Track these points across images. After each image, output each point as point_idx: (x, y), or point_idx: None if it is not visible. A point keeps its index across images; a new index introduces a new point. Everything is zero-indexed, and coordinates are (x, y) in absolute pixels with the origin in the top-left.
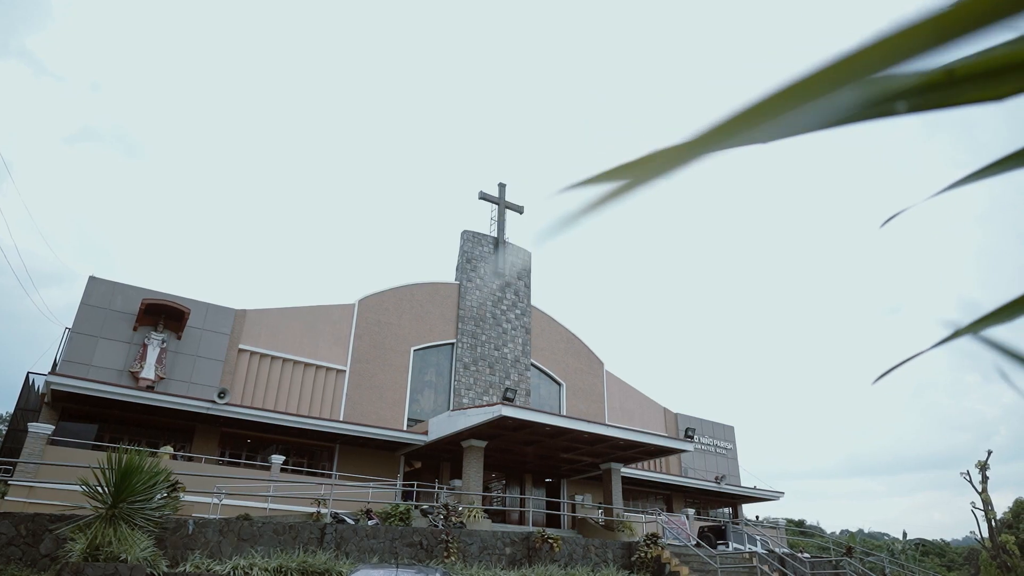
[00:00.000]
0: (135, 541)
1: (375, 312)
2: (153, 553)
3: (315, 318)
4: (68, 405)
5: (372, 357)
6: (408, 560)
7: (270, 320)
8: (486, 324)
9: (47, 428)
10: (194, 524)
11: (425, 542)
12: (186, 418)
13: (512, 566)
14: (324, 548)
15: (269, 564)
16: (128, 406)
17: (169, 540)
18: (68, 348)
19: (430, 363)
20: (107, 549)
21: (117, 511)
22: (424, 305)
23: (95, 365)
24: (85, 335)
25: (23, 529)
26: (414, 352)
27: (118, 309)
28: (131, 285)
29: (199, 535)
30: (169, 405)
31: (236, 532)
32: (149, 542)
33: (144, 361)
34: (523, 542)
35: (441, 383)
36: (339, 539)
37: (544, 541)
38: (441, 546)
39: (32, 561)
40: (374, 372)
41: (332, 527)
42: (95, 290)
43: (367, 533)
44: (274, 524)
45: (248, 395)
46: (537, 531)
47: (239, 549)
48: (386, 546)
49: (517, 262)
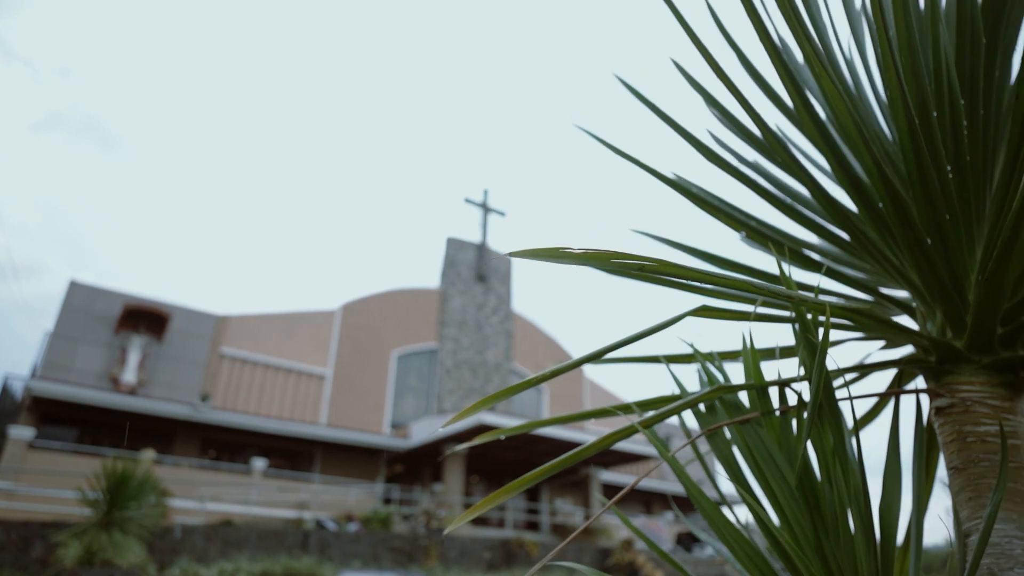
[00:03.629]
0: (128, 547)
1: (358, 317)
2: (143, 559)
3: (298, 323)
4: (48, 409)
5: (355, 362)
6: (389, 564)
7: (252, 325)
8: (468, 329)
9: (28, 432)
10: (181, 530)
11: (406, 546)
12: (167, 423)
13: (491, 570)
14: (308, 553)
15: (254, 569)
16: (109, 411)
17: (157, 545)
18: (48, 352)
19: (413, 368)
20: (102, 555)
21: (111, 518)
22: (407, 310)
23: (76, 369)
24: (66, 339)
25: (14, 535)
26: (397, 357)
27: (99, 313)
28: (112, 290)
29: (186, 540)
30: (150, 411)
31: (221, 537)
32: (141, 548)
33: (125, 365)
34: (502, 547)
35: (423, 388)
36: (322, 544)
37: (521, 546)
38: (422, 550)
39: (23, 566)
40: (357, 377)
41: (315, 532)
42: (76, 294)
43: (350, 538)
44: (259, 529)
45: (230, 400)
46: (515, 536)
47: (224, 554)
48: (368, 550)
49: (500, 267)
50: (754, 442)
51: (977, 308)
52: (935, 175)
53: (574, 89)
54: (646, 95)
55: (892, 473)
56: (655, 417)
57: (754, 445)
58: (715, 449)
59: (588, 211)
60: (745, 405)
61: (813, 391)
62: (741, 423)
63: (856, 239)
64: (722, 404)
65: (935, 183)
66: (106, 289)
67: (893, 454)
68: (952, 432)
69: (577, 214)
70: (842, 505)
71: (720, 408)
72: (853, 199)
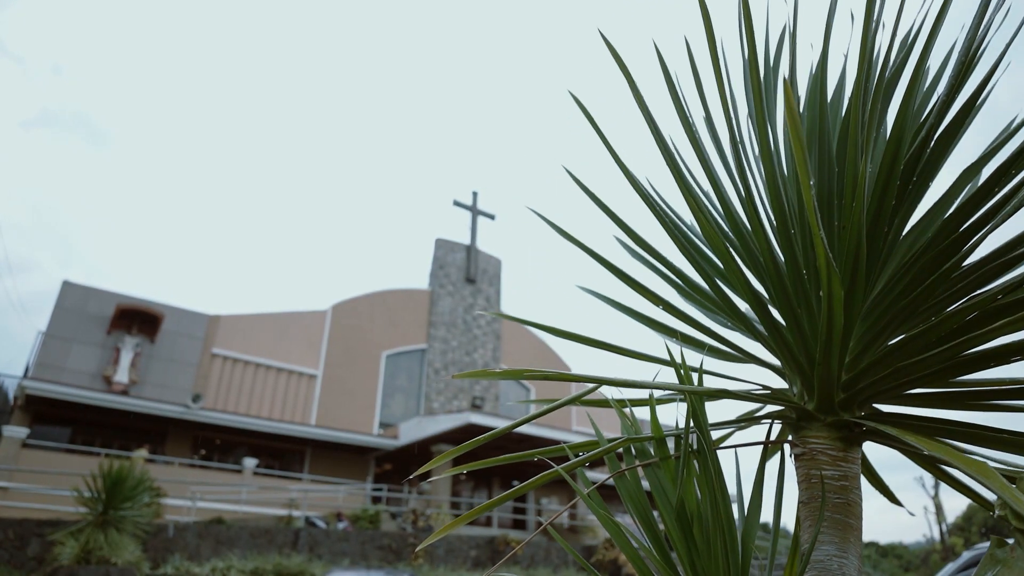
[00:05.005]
0: (124, 545)
1: (348, 317)
2: (138, 557)
3: (288, 323)
4: (41, 408)
5: (345, 362)
6: (378, 562)
7: (243, 325)
8: (457, 330)
9: (22, 431)
10: (174, 528)
11: (394, 544)
12: (159, 422)
13: (476, 568)
14: (298, 551)
15: (246, 566)
16: (102, 410)
17: (151, 543)
18: (42, 351)
19: (402, 368)
20: (98, 553)
21: (108, 517)
22: (397, 311)
23: (69, 368)
24: (59, 339)
25: (11, 533)
26: (386, 357)
27: (92, 313)
28: (105, 290)
29: (179, 538)
30: (143, 410)
31: (214, 535)
32: (136, 546)
33: (118, 365)
34: (488, 545)
35: (412, 388)
36: (312, 542)
37: (507, 544)
38: (409, 548)
39: (20, 563)
40: (346, 376)
41: (305, 531)
42: (69, 294)
43: (339, 536)
44: (250, 528)
45: (221, 399)
46: (501, 534)
47: (216, 552)
48: (357, 549)
49: (488, 268)
50: (653, 481)
51: (819, 381)
52: (791, 281)
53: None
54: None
55: (754, 504)
56: (580, 460)
57: (652, 483)
58: (620, 487)
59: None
60: (650, 451)
61: (683, 449)
62: (644, 466)
63: (746, 327)
64: (631, 450)
65: (790, 288)
66: (99, 289)
67: (757, 489)
68: (803, 474)
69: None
70: (714, 529)
71: (628, 453)
72: (741, 298)
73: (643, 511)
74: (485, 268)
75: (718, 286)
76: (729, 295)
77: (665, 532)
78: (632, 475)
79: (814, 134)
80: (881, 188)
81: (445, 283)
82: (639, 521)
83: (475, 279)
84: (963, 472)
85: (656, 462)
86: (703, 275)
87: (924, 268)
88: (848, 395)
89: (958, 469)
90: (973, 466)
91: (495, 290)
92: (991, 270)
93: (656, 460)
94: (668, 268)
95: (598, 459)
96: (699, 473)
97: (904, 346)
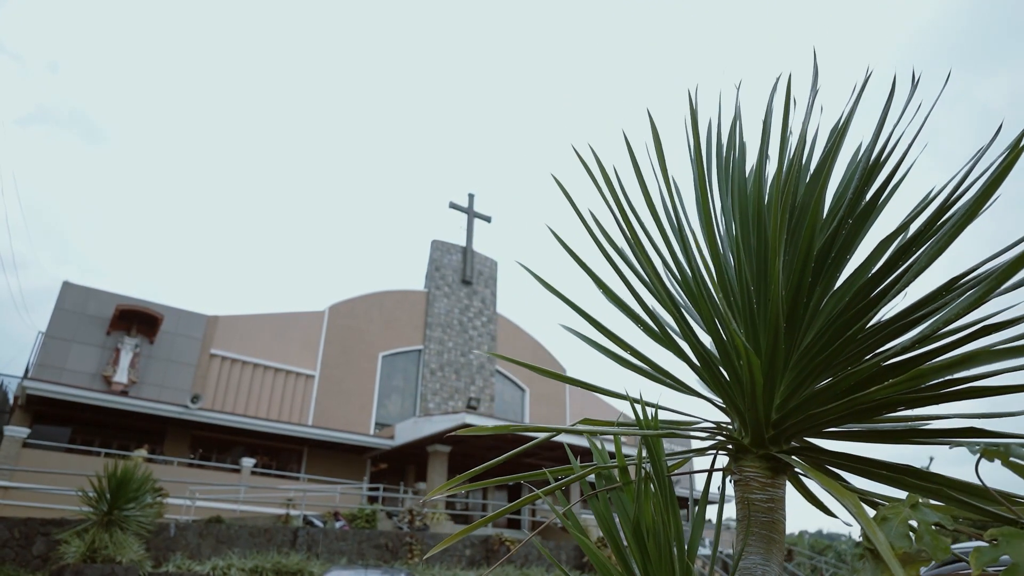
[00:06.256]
0: (128, 544)
1: (345, 318)
2: (141, 556)
3: (286, 324)
4: (42, 408)
5: (341, 362)
6: (375, 561)
7: (241, 326)
8: (453, 331)
9: (23, 431)
10: (175, 527)
11: (390, 544)
12: (158, 421)
13: (471, 567)
14: (296, 550)
15: (245, 565)
16: (102, 410)
17: (153, 542)
18: (42, 352)
19: (398, 368)
20: (103, 552)
21: (112, 517)
22: (393, 312)
23: (68, 369)
24: (59, 339)
25: (16, 532)
26: (383, 358)
27: (92, 314)
28: (105, 291)
29: (180, 537)
30: (142, 410)
31: (214, 535)
32: (140, 545)
33: (117, 365)
34: (482, 544)
35: (408, 388)
36: (310, 541)
37: (501, 543)
38: (405, 548)
39: (25, 562)
40: (343, 377)
41: (304, 530)
42: (69, 295)
43: (336, 535)
44: (249, 527)
45: (219, 399)
46: (495, 534)
47: (217, 551)
48: (354, 548)
49: (484, 270)
50: (617, 503)
51: (751, 422)
52: (730, 339)
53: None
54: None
55: (698, 522)
56: (558, 484)
57: (616, 504)
58: (592, 507)
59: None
60: (615, 477)
61: (638, 476)
62: (610, 490)
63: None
64: (601, 476)
65: (730, 344)
66: (99, 290)
67: (701, 509)
68: (739, 496)
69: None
70: (664, 541)
71: (599, 477)
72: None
73: (608, 527)
74: (481, 270)
75: (675, 343)
76: (685, 350)
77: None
78: (601, 496)
79: (747, 227)
80: (799, 270)
81: (441, 284)
82: (604, 535)
83: (471, 280)
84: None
85: (619, 486)
86: (661, 335)
87: (838, 329)
88: (777, 432)
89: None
90: (847, 497)
91: (491, 292)
92: (889, 332)
93: (619, 485)
94: (634, 319)
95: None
96: (655, 494)
97: (819, 394)
